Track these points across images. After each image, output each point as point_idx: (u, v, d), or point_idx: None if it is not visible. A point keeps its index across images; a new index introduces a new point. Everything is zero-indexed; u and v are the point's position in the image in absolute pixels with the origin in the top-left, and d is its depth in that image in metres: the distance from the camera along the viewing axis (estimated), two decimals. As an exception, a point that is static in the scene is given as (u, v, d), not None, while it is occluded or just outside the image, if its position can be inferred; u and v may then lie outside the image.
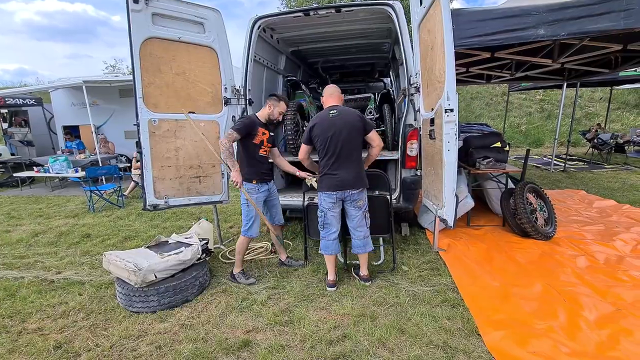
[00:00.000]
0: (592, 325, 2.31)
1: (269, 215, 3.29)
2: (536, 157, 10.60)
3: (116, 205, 6.07)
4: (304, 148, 2.89)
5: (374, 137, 2.74)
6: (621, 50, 4.49)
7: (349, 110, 2.78)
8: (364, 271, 2.98)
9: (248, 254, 3.71)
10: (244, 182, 2.97)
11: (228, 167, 2.99)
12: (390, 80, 6.26)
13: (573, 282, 2.92)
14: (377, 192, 3.28)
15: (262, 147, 3.03)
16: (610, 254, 3.41)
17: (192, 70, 3.49)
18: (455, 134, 2.47)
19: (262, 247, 3.87)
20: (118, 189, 6.14)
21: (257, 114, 3.10)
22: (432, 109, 2.83)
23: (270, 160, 3.27)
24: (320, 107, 5.00)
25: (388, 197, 3.18)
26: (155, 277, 2.64)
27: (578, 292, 2.73)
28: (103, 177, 7.41)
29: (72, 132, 9.38)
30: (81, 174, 6.40)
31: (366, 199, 2.85)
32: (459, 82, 7.97)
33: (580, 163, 9.15)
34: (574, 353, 2.06)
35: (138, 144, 3.34)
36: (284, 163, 3.31)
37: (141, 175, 3.40)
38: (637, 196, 5.52)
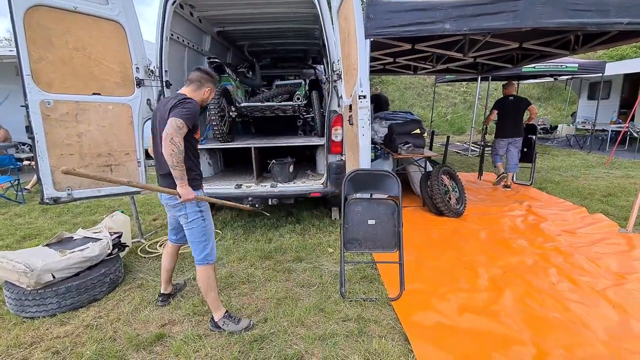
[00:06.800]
0: (483, 287, 2.67)
1: (181, 236, 2.41)
2: (458, 143, 11.69)
3: (14, 201, 5.27)
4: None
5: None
6: (519, 48, 5.11)
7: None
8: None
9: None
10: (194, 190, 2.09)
11: (177, 178, 1.96)
12: (324, 67, 6.32)
13: (474, 252, 3.32)
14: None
15: (199, 141, 2.24)
16: (505, 227, 3.93)
17: (95, 46, 3.11)
18: (369, 120, 2.59)
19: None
20: (16, 182, 5.32)
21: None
22: (351, 96, 2.92)
23: None
24: (247, 91, 4.91)
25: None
26: (53, 277, 2.36)
27: (477, 261, 3.12)
28: (-2, 169, 6.37)
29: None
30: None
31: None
32: (388, 71, 8.36)
33: (493, 149, 10.30)
34: (464, 309, 2.37)
35: (29, 129, 2.91)
36: None
37: (35, 164, 2.99)
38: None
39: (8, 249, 3.57)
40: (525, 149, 5.54)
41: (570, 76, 10.41)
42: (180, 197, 2.00)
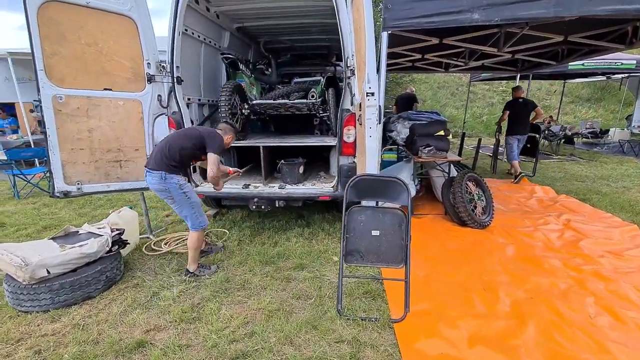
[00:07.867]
0: (502, 314, 2.33)
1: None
2: (492, 147, 10.88)
3: (46, 191, 5.55)
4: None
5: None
6: (564, 41, 4.55)
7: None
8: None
9: (178, 244, 3.49)
10: (181, 178, 2.80)
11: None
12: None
13: (496, 270, 2.96)
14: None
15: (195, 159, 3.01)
16: (537, 244, 3.49)
17: (106, 41, 3.11)
18: (377, 119, 2.35)
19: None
20: (48, 173, 5.59)
21: None
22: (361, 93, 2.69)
23: None
24: (264, 88, 4.78)
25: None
26: (48, 272, 2.36)
27: (498, 281, 2.76)
28: (37, 160, 6.80)
29: (5, 109, 8.47)
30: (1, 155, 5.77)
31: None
32: (418, 69, 7.93)
33: (532, 153, 9.49)
34: (476, 340, 2.05)
35: (41, 123, 2.98)
36: None
37: (47, 158, 3.05)
38: (575, 186, 5.78)
39: (28, 238, 3.72)
40: (529, 145, 6.39)
41: (626, 74, 9.31)
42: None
